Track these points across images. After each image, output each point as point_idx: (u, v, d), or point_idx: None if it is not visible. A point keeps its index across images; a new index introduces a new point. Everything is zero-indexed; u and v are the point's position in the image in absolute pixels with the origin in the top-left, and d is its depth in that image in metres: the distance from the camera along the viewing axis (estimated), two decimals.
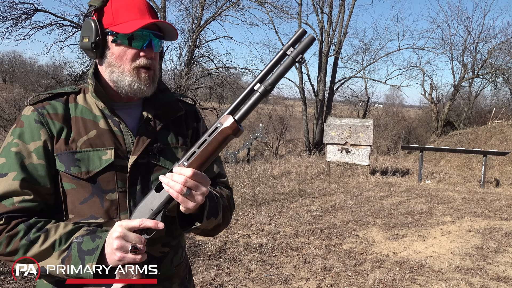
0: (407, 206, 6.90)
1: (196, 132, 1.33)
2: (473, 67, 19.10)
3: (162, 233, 1.18)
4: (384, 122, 21.73)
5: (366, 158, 9.71)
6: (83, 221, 1.10)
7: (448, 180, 9.64)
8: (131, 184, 1.13)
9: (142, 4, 1.14)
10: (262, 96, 0.99)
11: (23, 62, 53.69)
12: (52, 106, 1.12)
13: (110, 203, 1.11)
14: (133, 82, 1.12)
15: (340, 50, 16.70)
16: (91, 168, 1.10)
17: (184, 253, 1.32)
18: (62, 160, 1.09)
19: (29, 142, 1.08)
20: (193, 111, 1.33)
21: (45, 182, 1.08)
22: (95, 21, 1.11)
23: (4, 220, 1.03)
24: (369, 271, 4.12)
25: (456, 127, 18.95)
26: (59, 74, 17.02)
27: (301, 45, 1.00)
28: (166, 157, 1.19)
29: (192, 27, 14.13)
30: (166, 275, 1.21)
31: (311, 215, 6.11)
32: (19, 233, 1.02)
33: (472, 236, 5.36)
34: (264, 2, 14.34)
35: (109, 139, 1.13)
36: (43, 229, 1.03)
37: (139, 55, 1.12)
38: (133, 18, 1.11)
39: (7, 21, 10.92)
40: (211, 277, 3.80)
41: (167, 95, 1.26)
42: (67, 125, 1.12)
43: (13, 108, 12.90)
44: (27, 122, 1.10)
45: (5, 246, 1.02)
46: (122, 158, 1.13)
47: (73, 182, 1.10)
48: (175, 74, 14.76)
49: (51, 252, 1.02)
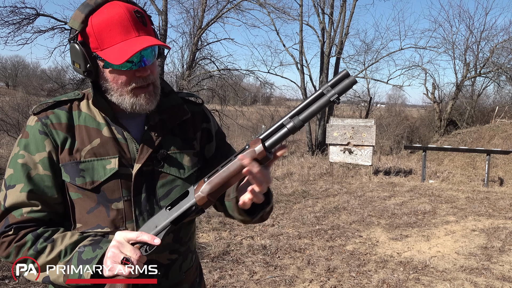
0: (411, 206, 6.88)
1: (207, 132, 1.29)
2: (475, 66, 19.06)
3: (170, 239, 1.17)
4: (387, 122, 21.70)
5: (369, 158, 9.70)
6: (90, 230, 1.10)
7: (451, 179, 9.60)
8: (136, 192, 1.12)
9: (124, 18, 1.03)
10: (290, 132, 0.97)
11: (25, 67, 53.94)
12: (56, 115, 1.11)
13: (116, 213, 1.10)
14: (134, 103, 1.09)
15: (341, 51, 16.68)
16: (96, 178, 1.09)
17: (194, 256, 1.31)
18: (67, 171, 1.09)
19: (35, 153, 1.08)
20: (200, 111, 1.29)
21: (52, 192, 1.08)
22: (80, 46, 1.05)
23: (13, 231, 1.04)
24: (373, 272, 4.11)
25: (459, 126, 18.89)
26: (61, 78, 17.11)
27: (340, 87, 0.94)
28: (171, 163, 1.17)
29: (193, 29, 14.17)
30: (175, 281, 1.21)
31: (314, 216, 6.10)
32: (27, 243, 1.03)
33: (477, 235, 5.34)
34: (265, 4, 14.35)
35: (113, 147, 1.11)
36: (50, 239, 1.04)
37: (134, 76, 1.08)
38: (118, 39, 1.03)
39: (9, 26, 10.96)
40: (215, 279, 3.80)
41: (172, 99, 1.22)
42: (71, 134, 1.11)
43: (16, 112, 12.95)
44: (32, 133, 1.10)
45: (14, 256, 1.04)
46: (127, 167, 1.11)
47: (79, 192, 1.09)
48: (177, 77, 14.81)
49: (56, 262, 1.03)
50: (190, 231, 1.25)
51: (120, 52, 1.01)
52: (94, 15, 1.03)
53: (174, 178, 1.17)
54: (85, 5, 1.05)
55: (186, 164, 1.20)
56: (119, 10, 1.03)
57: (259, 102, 35.96)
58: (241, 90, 14.81)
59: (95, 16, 1.03)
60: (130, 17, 1.04)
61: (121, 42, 1.03)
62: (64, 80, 14.90)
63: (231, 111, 16.05)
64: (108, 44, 1.03)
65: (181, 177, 1.18)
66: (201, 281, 1.35)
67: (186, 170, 1.19)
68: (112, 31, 1.03)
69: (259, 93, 35.71)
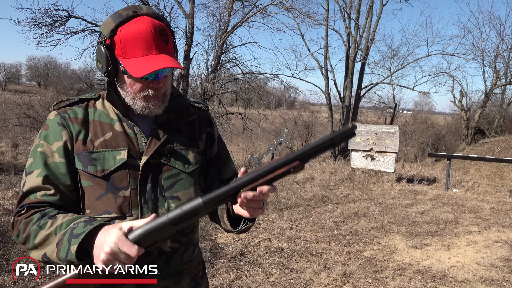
0: (432, 214, 6.77)
1: (210, 136, 1.40)
2: (505, 74, 18.52)
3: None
4: (412, 129, 21.33)
5: (392, 165, 9.58)
6: (98, 216, 1.18)
7: (476, 189, 9.38)
8: (142, 182, 1.21)
9: (149, 35, 1.14)
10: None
11: (57, 67, 55.65)
12: (73, 111, 1.24)
13: (123, 199, 1.19)
14: (144, 107, 1.22)
15: (367, 56, 16.56)
16: (106, 167, 1.19)
17: (197, 250, 1.37)
18: (80, 159, 1.19)
19: (52, 142, 1.20)
20: (206, 117, 1.41)
21: (66, 179, 1.18)
22: (106, 50, 1.17)
23: (26, 210, 1.13)
24: (389, 279, 4.08)
25: (487, 135, 18.41)
26: (90, 78, 17.56)
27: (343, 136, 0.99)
28: (176, 158, 1.27)
29: (219, 33, 14.33)
30: (177, 270, 1.27)
31: (333, 221, 6.09)
32: (33, 220, 1.10)
33: (499, 247, 5.22)
34: (291, 8, 14.40)
35: (123, 140, 1.22)
36: (53, 217, 1.10)
37: (148, 86, 1.19)
38: (140, 54, 1.15)
39: (42, 27, 11.36)
40: (231, 279, 3.86)
41: (179, 101, 1.34)
42: (86, 127, 1.22)
43: (47, 111, 13.29)
44: (51, 125, 1.22)
45: (22, 232, 1.11)
46: (135, 158, 1.22)
47: (90, 179, 1.19)
48: (202, 79, 14.99)
49: (53, 237, 1.05)
50: (191, 224, 1.32)
51: (140, 66, 1.13)
52: (123, 26, 1.15)
53: (178, 172, 1.26)
54: (117, 15, 1.17)
55: (191, 160, 1.30)
56: (145, 27, 1.14)
57: (283, 106, 35.94)
58: (265, 94, 14.87)
59: (124, 28, 1.15)
60: (154, 34, 1.15)
61: (142, 56, 1.14)
62: (93, 81, 15.30)
63: (254, 115, 16.13)
64: (130, 55, 1.15)
65: (185, 171, 1.28)
66: (204, 276, 1.41)
67: (190, 165, 1.29)
68: (136, 45, 1.14)
69: (283, 97, 35.70)
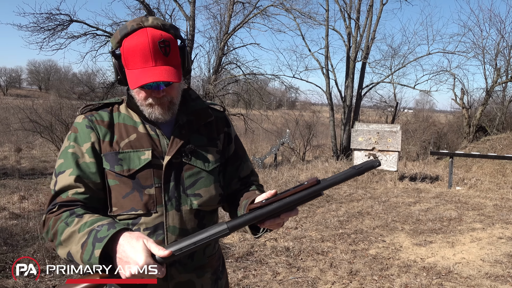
0: (436, 212, 6.81)
1: (227, 136, 1.46)
2: (506, 71, 18.53)
3: (194, 225, 1.30)
4: (413, 127, 21.32)
5: (394, 164, 9.62)
6: (124, 213, 1.25)
7: (479, 186, 9.42)
8: (166, 180, 1.28)
9: (146, 48, 1.19)
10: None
11: (57, 70, 55.83)
12: (99, 115, 1.31)
13: (148, 197, 1.25)
14: (150, 113, 1.28)
15: (367, 56, 16.57)
16: (132, 167, 1.26)
17: (217, 246, 1.44)
18: (108, 160, 1.26)
19: (82, 144, 1.26)
20: (223, 117, 1.47)
21: (96, 178, 1.24)
22: (114, 60, 1.26)
23: (57, 208, 1.19)
24: (395, 276, 4.12)
25: (489, 133, 18.41)
26: (91, 81, 17.57)
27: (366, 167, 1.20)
28: (197, 157, 1.34)
29: (220, 34, 14.37)
30: (199, 264, 1.33)
31: (337, 220, 6.13)
32: (62, 217, 1.15)
33: (503, 243, 5.25)
34: (291, 9, 14.42)
35: (147, 141, 1.29)
36: (80, 216, 1.14)
37: (151, 95, 1.26)
38: (138, 66, 1.21)
39: (44, 31, 11.38)
40: (239, 278, 3.90)
41: (198, 103, 1.41)
42: (111, 130, 1.29)
43: (49, 115, 13.22)
44: (80, 127, 1.28)
45: (51, 229, 1.15)
46: (158, 158, 1.29)
47: (117, 179, 1.25)
48: (203, 81, 15.02)
49: (76, 234, 1.08)
50: (213, 221, 1.38)
51: (136, 78, 1.20)
52: (127, 39, 1.22)
53: (199, 170, 1.33)
54: (123, 27, 1.24)
55: (210, 158, 1.36)
56: (144, 39, 1.19)
57: (284, 106, 35.96)
58: (266, 95, 14.90)
59: (127, 40, 1.22)
60: (152, 47, 1.19)
61: (140, 68, 1.21)
62: (94, 84, 15.32)
63: (256, 115, 16.15)
64: (131, 66, 1.22)
65: (206, 170, 1.34)
66: (224, 271, 1.48)
67: (210, 164, 1.35)
68: (135, 57, 1.20)
69: (284, 98, 35.75)
